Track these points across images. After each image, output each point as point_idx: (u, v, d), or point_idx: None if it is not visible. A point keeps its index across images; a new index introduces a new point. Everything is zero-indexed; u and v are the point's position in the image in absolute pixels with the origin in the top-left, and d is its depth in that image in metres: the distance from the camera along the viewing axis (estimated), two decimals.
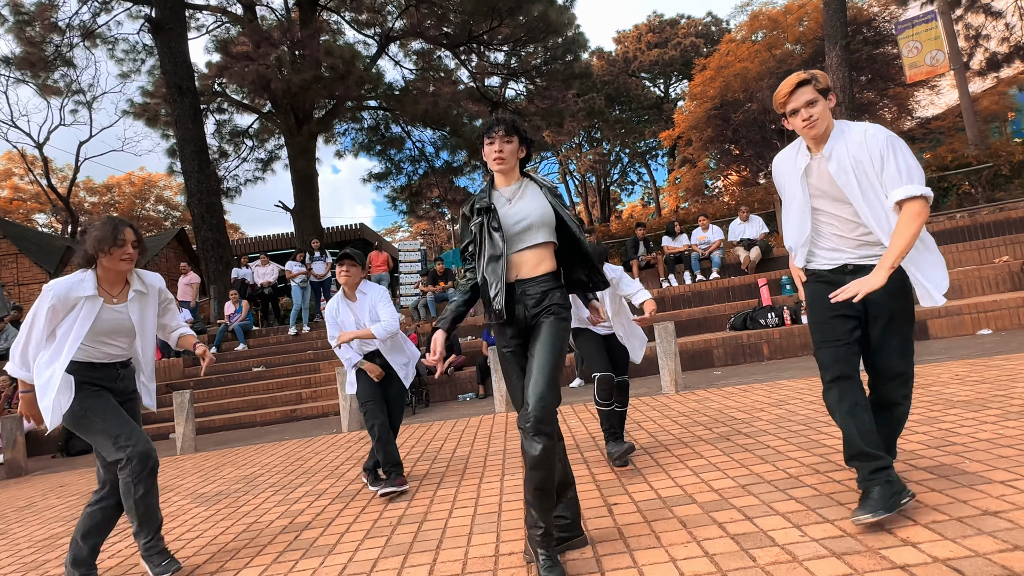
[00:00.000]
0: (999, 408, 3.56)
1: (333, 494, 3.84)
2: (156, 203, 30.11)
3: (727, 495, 2.75)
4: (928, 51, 14.41)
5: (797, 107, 2.22)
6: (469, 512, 3.04)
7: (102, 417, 2.49)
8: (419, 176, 20.29)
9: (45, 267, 18.31)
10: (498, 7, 17.05)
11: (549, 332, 2.20)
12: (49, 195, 22.87)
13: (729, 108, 24.08)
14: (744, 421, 4.21)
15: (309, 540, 2.97)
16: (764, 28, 24.12)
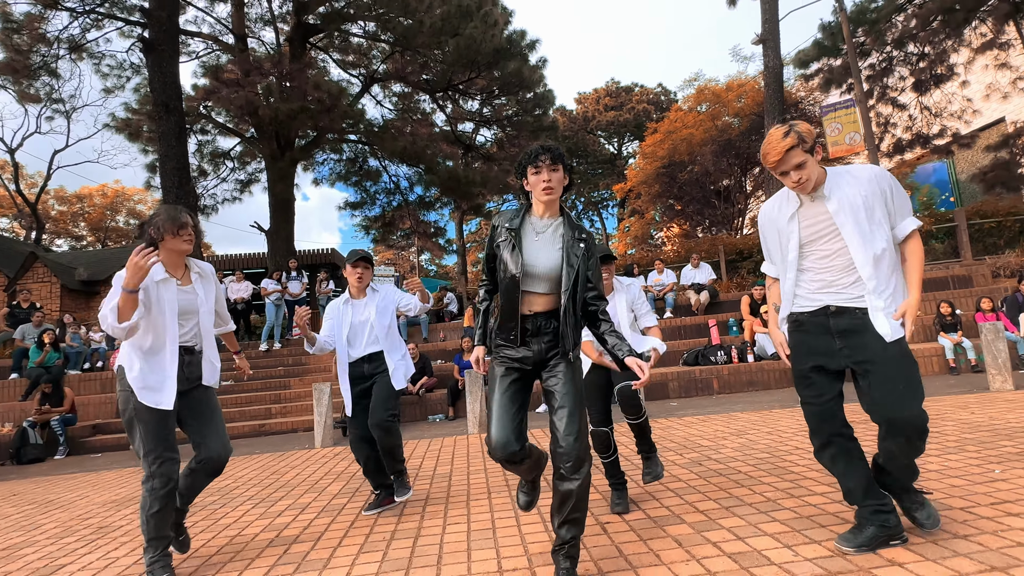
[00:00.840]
0: (937, 444, 3.70)
1: (317, 508, 3.58)
2: (128, 216, 28.50)
3: (713, 516, 2.71)
4: (847, 132, 15.55)
5: (787, 170, 2.08)
6: (463, 528, 2.88)
7: (143, 428, 2.40)
8: (392, 208, 20.10)
9: (4, 271, 16.95)
10: (478, 61, 17.43)
11: (568, 375, 2.10)
12: (16, 200, 21.33)
13: (675, 168, 25.20)
14: (711, 448, 4.22)
15: (300, 554, 2.73)
16: (708, 101, 25.55)
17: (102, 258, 19.60)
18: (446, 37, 16.73)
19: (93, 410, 8.26)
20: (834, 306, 2.15)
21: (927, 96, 17.48)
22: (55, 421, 7.28)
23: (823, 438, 2.19)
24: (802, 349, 2.22)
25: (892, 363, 2.00)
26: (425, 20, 16.33)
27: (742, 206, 27.95)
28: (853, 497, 2.20)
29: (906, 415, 1.99)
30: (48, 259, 17.47)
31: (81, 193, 27.02)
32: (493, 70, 18.00)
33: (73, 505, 4.34)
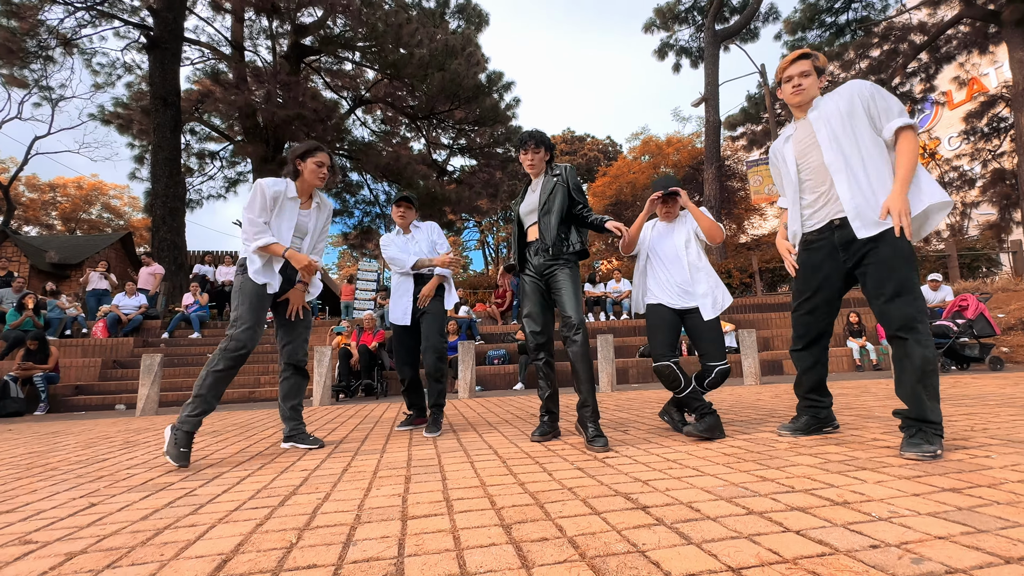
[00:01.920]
0: (862, 408, 4.07)
1: (340, 436, 3.49)
2: (103, 210, 26.44)
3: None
4: (767, 184, 16.88)
5: (792, 74, 2.22)
6: (499, 437, 2.92)
7: (243, 299, 2.53)
8: (369, 220, 19.84)
9: None
10: (459, 94, 17.78)
11: (563, 277, 2.60)
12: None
13: (621, 206, 26.29)
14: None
15: (350, 449, 2.68)
16: (651, 152, 27.06)
17: (75, 243, 18.10)
18: (432, 70, 17.00)
19: (75, 372, 7.57)
20: (837, 219, 2.14)
21: None
22: (38, 377, 6.62)
23: (803, 343, 2.42)
24: (808, 270, 2.33)
25: (883, 266, 1.98)
26: (415, 53, 16.56)
27: None
28: (801, 388, 2.48)
29: (890, 306, 1.96)
30: (19, 239, 15.97)
31: (55, 183, 24.87)
32: (473, 104, 18.37)
33: (64, 447, 3.99)
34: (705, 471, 1.82)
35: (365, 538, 1.27)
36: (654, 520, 1.32)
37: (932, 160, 18.29)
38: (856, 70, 17.28)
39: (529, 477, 1.85)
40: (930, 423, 1.91)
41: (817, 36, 18.53)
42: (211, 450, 2.81)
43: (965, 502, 1.35)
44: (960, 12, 14.59)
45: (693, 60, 19.69)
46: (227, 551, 1.22)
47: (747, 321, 9.40)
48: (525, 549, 1.16)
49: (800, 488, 1.55)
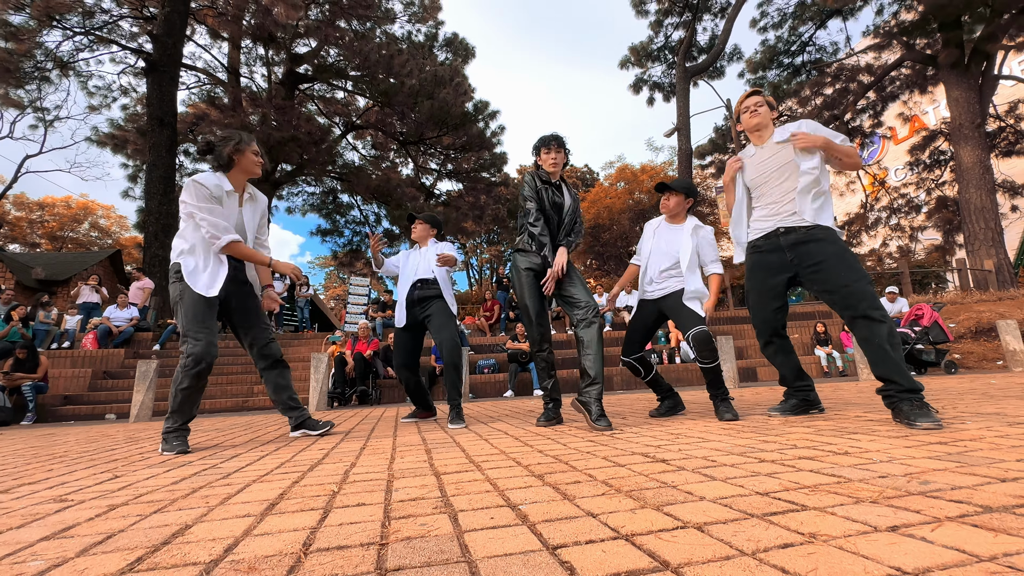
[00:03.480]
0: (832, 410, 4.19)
1: (345, 428, 3.43)
2: (91, 229, 25.65)
3: (710, 410, 2.95)
4: None
5: (749, 105, 2.47)
6: (503, 425, 2.92)
7: (184, 310, 2.30)
8: (358, 239, 19.76)
9: None
10: (447, 121, 18.06)
11: (572, 270, 2.74)
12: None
13: (599, 229, 26.75)
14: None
15: (362, 434, 2.65)
16: (626, 179, 27.74)
17: (62, 260, 17.51)
18: (422, 99, 17.27)
19: (64, 383, 7.25)
20: (782, 227, 2.33)
21: None
22: (26, 387, 6.32)
23: (765, 338, 2.54)
24: (756, 269, 2.48)
25: (836, 259, 2.17)
26: (406, 82, 16.84)
27: None
28: (787, 381, 2.59)
29: (854, 288, 2.09)
30: (4, 255, 15.39)
31: (44, 202, 24.09)
32: (460, 131, 18.66)
33: (55, 446, 3.83)
34: (709, 439, 1.86)
35: (405, 487, 1.27)
36: (676, 468, 1.35)
37: (882, 188, 19.21)
38: (812, 106, 18.17)
39: (546, 446, 1.87)
40: (917, 392, 1.97)
41: (776, 75, 19.49)
42: (221, 438, 2.74)
43: (954, 450, 1.43)
44: (902, 56, 15.58)
45: (665, 94, 20.45)
46: (272, 498, 1.21)
47: (721, 332, 9.59)
48: (562, 489, 1.18)
49: (803, 445, 1.61)
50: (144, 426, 4.53)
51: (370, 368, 6.86)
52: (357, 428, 3.10)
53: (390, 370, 7.52)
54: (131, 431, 3.88)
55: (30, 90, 15.96)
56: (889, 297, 8.41)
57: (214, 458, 2.00)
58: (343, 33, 16.58)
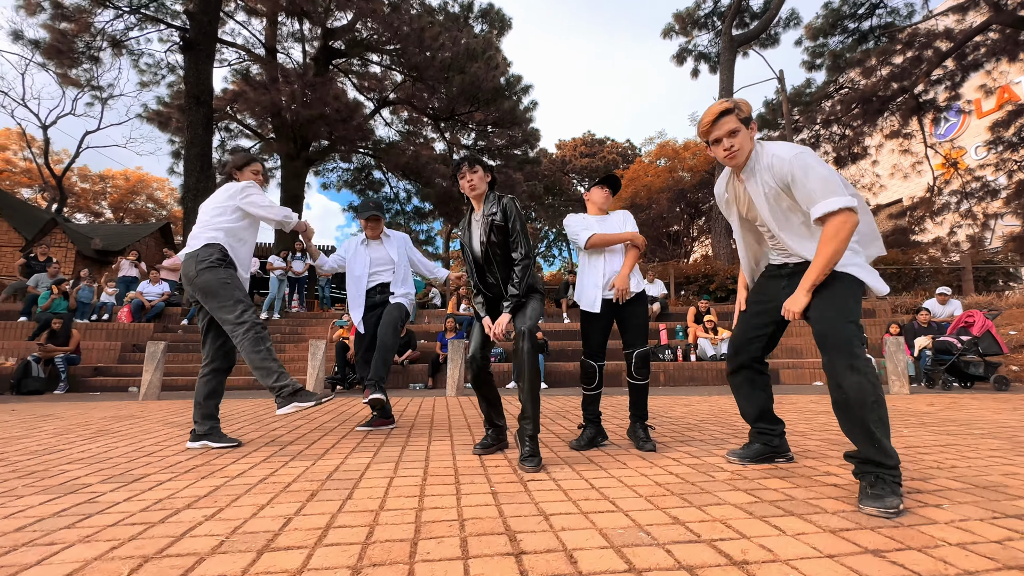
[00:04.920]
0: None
1: (308, 428, 3.39)
2: (147, 201, 27.33)
3: (670, 444, 2.68)
4: None
5: (719, 136, 1.87)
6: (447, 444, 2.77)
7: (239, 287, 2.64)
8: (390, 216, 19.91)
9: (23, 233, 16.01)
10: (478, 97, 17.63)
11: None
12: (43, 173, 20.21)
13: (635, 210, 25.73)
14: (662, 411, 4.21)
15: (296, 451, 2.57)
16: (667, 156, 26.40)
17: (119, 231, 18.70)
18: (453, 73, 16.88)
19: (97, 355, 7.75)
20: (791, 263, 2.01)
21: (844, 170, 18.44)
22: (59, 359, 6.78)
23: (734, 365, 2.22)
24: (753, 291, 2.21)
25: (824, 292, 1.76)
26: (437, 56, 16.47)
27: (688, 248, 28.75)
28: (748, 417, 2.26)
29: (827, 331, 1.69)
30: (67, 227, 16.58)
31: (104, 174, 25.82)
32: (491, 107, 18.19)
33: (71, 418, 4.01)
34: (621, 506, 1.63)
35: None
36: (518, 573, 1.14)
37: (954, 170, 17.27)
38: (877, 77, 16.42)
39: (434, 502, 1.69)
40: (886, 468, 1.60)
41: (839, 42, 17.68)
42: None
43: (881, 571, 1.14)
44: (989, 18, 13.66)
45: (712, 66, 19.04)
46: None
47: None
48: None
49: (706, 538, 1.35)
50: (160, 406, 4.71)
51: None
52: (280, 440, 3.04)
53: (395, 355, 7.54)
54: (128, 408, 4.03)
55: (87, 69, 16.83)
56: (939, 299, 7.57)
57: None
58: (377, 5, 16.31)
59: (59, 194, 19.53)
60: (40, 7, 14.27)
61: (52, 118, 20.03)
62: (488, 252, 2.37)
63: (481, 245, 2.38)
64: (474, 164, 2.37)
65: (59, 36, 14.59)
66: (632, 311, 2.63)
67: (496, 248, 2.35)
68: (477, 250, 2.42)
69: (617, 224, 2.76)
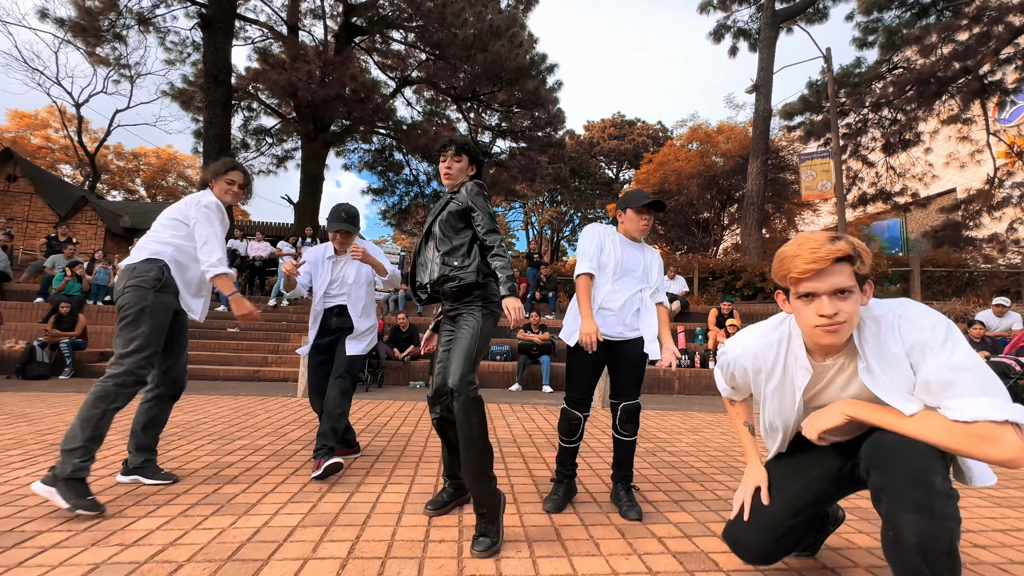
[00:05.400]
0: None
1: (269, 451, 3.11)
2: (177, 178, 27.88)
3: (662, 508, 2.25)
4: (820, 180, 15.11)
5: (819, 291, 1.16)
6: (403, 490, 2.42)
7: (147, 321, 2.17)
8: (410, 199, 19.63)
9: (57, 209, 16.44)
10: (501, 76, 16.95)
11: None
12: (78, 150, 20.72)
13: (664, 196, 24.72)
14: (667, 440, 3.77)
15: (228, 495, 2.27)
16: (699, 140, 25.09)
17: (147, 209, 19.06)
18: (476, 51, 16.24)
19: (104, 339, 7.77)
20: None
21: (894, 157, 17.05)
22: (64, 343, 6.78)
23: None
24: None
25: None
26: (459, 34, 15.84)
27: (718, 237, 27.55)
28: None
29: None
30: (97, 204, 16.94)
31: (138, 152, 26.40)
32: (514, 86, 17.49)
33: (42, 421, 3.86)
34: None
35: None
36: None
37: (1019, 159, 15.68)
38: (937, 56, 14.92)
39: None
40: None
41: (895, 17, 16.11)
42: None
43: None
44: None
45: (752, 43, 17.71)
46: None
47: None
48: None
49: None
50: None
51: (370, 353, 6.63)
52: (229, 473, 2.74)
53: (396, 351, 7.28)
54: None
55: (114, 47, 16.92)
56: (996, 310, 6.77)
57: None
58: None
59: (92, 171, 20.01)
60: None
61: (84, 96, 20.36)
62: (430, 231, 2.07)
63: (427, 226, 2.10)
64: (460, 151, 2.09)
65: (85, 14, 14.61)
66: (631, 354, 2.19)
67: (445, 229, 2.02)
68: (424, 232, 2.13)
69: (641, 265, 2.29)
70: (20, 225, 16.32)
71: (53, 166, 24.87)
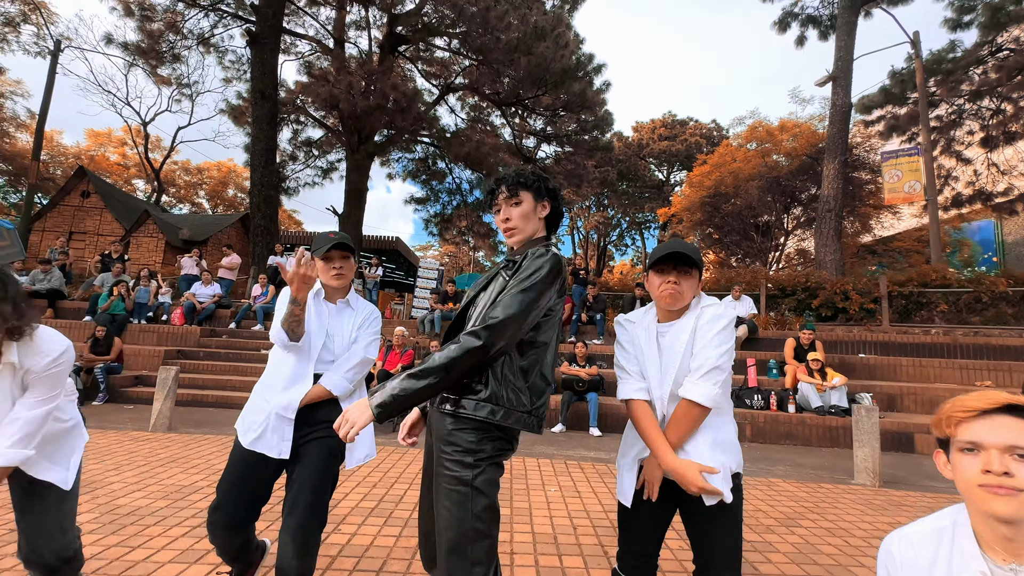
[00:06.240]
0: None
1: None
2: (237, 190, 29.13)
3: None
4: (907, 180, 13.27)
5: (985, 446, 0.87)
6: None
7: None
8: (453, 207, 19.24)
9: (124, 223, 17.24)
10: (545, 79, 16.20)
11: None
12: (145, 167, 21.93)
13: (720, 199, 23.13)
14: (754, 543, 2.84)
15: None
16: (759, 139, 23.22)
17: (204, 222, 19.75)
18: (520, 55, 15.57)
19: (142, 361, 7.66)
20: None
21: (996, 152, 14.80)
22: (98, 368, 6.65)
23: None
24: None
25: None
26: (502, 37, 15.23)
27: (779, 242, 25.45)
28: None
29: None
30: (158, 217, 17.65)
31: (202, 167, 27.80)
32: (559, 89, 16.69)
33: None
34: None
35: None
36: None
37: None
38: None
39: None
40: None
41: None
42: None
43: None
44: None
45: (822, 31, 15.98)
46: None
47: (865, 367, 7.07)
48: None
49: None
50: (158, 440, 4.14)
51: None
52: None
53: None
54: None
55: (176, 67, 17.63)
56: None
57: None
58: None
59: (158, 186, 21.08)
60: (130, 10, 14.88)
61: (151, 115, 21.47)
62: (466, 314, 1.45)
63: (465, 304, 1.47)
64: (515, 189, 1.44)
65: (147, 36, 15.20)
66: (709, 511, 1.33)
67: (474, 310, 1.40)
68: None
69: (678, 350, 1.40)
70: (92, 238, 17.26)
71: (128, 181, 26.58)
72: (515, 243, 1.45)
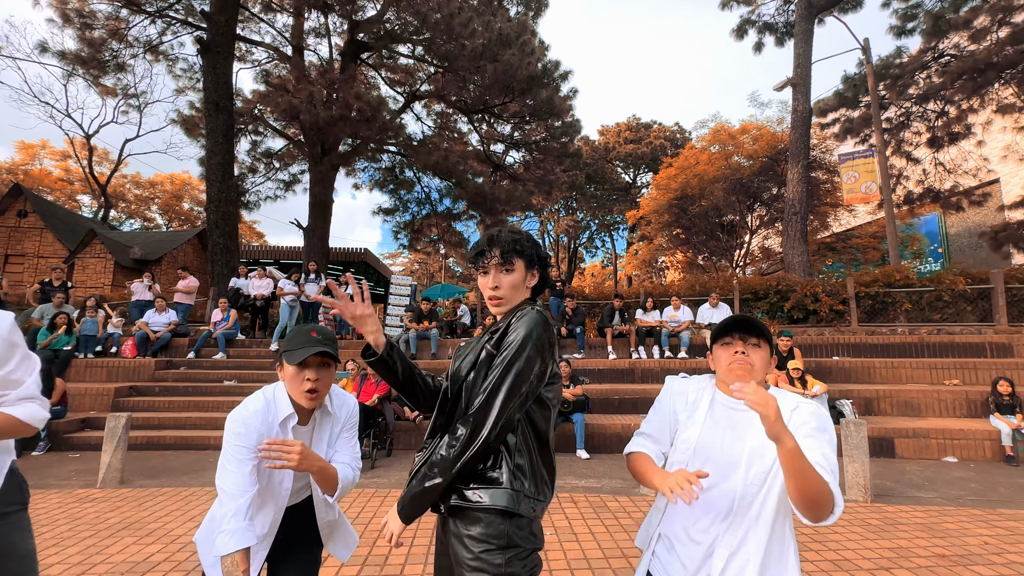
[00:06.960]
0: None
1: None
2: (193, 203, 27.67)
3: None
4: (864, 181, 13.79)
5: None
6: None
7: None
8: (422, 216, 18.82)
9: (67, 244, 16.05)
10: (512, 86, 16.05)
11: None
12: (90, 181, 20.51)
13: (686, 200, 23.55)
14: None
15: None
16: (721, 141, 23.78)
17: (158, 239, 18.64)
18: (485, 62, 15.36)
19: (90, 400, 7.02)
20: None
21: (942, 152, 15.57)
22: None
23: None
24: None
25: None
26: (467, 44, 14.99)
27: (744, 240, 26.13)
28: None
29: None
30: (105, 236, 16.52)
31: (154, 180, 26.27)
32: (526, 96, 16.58)
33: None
34: None
35: None
36: None
37: None
38: (990, 41, 13.47)
39: None
40: None
41: (937, 1, 14.72)
42: None
43: None
44: None
45: (778, 37, 16.46)
46: None
47: (841, 371, 7.17)
48: None
49: None
50: (107, 499, 3.67)
51: (374, 416, 5.70)
52: None
53: (407, 410, 6.33)
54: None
55: (120, 77, 16.54)
56: None
57: None
58: None
59: (105, 201, 19.74)
60: (69, 17, 13.87)
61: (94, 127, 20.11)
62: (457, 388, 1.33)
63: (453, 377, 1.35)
64: (509, 255, 1.31)
65: (87, 45, 14.19)
66: None
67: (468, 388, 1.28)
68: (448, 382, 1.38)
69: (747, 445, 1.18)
70: (31, 261, 15.99)
71: (73, 197, 24.86)
72: (499, 313, 1.35)
